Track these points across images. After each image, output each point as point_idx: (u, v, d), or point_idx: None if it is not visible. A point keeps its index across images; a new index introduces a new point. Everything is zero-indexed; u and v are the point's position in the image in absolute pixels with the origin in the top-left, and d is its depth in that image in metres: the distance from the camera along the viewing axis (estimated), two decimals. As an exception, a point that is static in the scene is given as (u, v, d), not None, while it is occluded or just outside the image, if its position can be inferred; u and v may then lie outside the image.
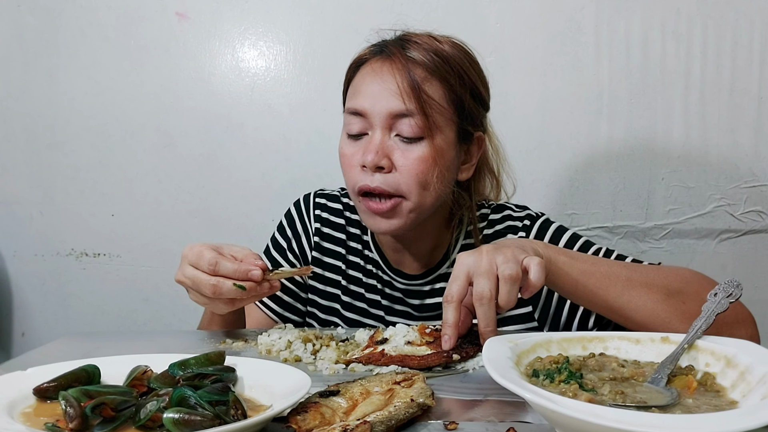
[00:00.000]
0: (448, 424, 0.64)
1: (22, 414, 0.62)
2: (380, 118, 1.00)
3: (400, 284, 1.16)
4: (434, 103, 1.00)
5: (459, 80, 1.03)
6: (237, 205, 1.85)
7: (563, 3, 1.73)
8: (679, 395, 0.62)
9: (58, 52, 1.85)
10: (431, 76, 1.01)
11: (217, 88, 1.84)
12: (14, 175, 1.89)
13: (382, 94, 1.00)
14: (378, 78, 1.02)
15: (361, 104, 1.02)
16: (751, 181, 1.73)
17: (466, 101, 1.04)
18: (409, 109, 0.99)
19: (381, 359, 0.83)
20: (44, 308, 1.95)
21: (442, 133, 1.02)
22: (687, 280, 0.95)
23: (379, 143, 1.00)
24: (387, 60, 1.03)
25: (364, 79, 1.04)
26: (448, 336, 0.84)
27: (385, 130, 1.01)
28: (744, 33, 1.69)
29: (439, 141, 1.02)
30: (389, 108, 1.00)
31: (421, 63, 1.01)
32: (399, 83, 0.99)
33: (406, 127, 1.00)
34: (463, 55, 1.06)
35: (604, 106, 1.74)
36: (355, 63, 1.09)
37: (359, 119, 1.03)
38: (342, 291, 1.20)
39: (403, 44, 1.04)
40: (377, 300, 1.18)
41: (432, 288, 1.15)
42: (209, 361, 0.72)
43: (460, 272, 0.84)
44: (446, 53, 1.03)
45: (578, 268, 0.91)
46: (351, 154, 1.04)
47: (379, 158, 1.00)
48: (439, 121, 1.01)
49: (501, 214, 1.17)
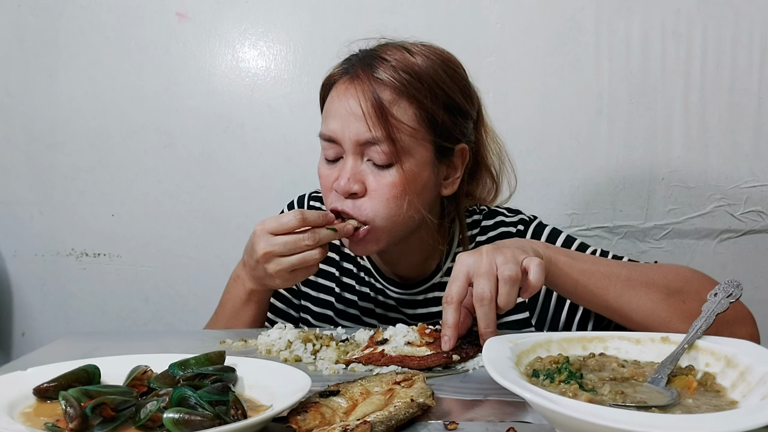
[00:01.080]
0: (448, 424, 0.63)
1: (22, 414, 0.62)
2: (350, 143, 0.98)
3: (393, 293, 1.15)
4: (403, 126, 0.97)
5: (431, 96, 0.98)
6: (237, 205, 1.85)
7: (563, 3, 1.73)
8: (679, 395, 0.62)
9: (58, 52, 1.85)
10: (399, 97, 0.97)
11: (217, 88, 1.84)
12: (14, 175, 1.89)
13: (348, 120, 0.98)
14: (344, 101, 0.99)
15: (331, 129, 1.00)
16: (751, 181, 1.73)
17: (439, 117, 1.00)
18: (375, 137, 0.96)
19: (381, 359, 0.83)
20: (44, 308, 1.95)
21: (414, 156, 0.99)
22: (687, 278, 0.95)
23: (351, 169, 0.99)
24: (353, 81, 0.99)
25: (332, 102, 1.02)
26: (448, 337, 0.83)
27: (357, 155, 0.99)
28: (744, 33, 1.69)
29: (411, 165, 0.98)
30: (357, 135, 0.97)
31: (389, 83, 0.97)
32: (363, 107, 0.96)
33: (375, 154, 0.98)
34: (438, 66, 1.01)
35: (604, 106, 1.74)
36: (325, 82, 1.06)
37: (331, 144, 1.01)
38: (336, 299, 1.19)
39: (371, 62, 0.99)
40: (371, 308, 1.17)
41: (426, 297, 1.14)
42: (209, 361, 0.72)
43: (459, 272, 0.84)
44: (417, 68, 0.98)
45: (578, 268, 0.91)
46: (327, 177, 1.03)
47: (350, 185, 0.98)
48: (410, 144, 0.98)
49: (493, 220, 1.16)
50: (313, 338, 0.95)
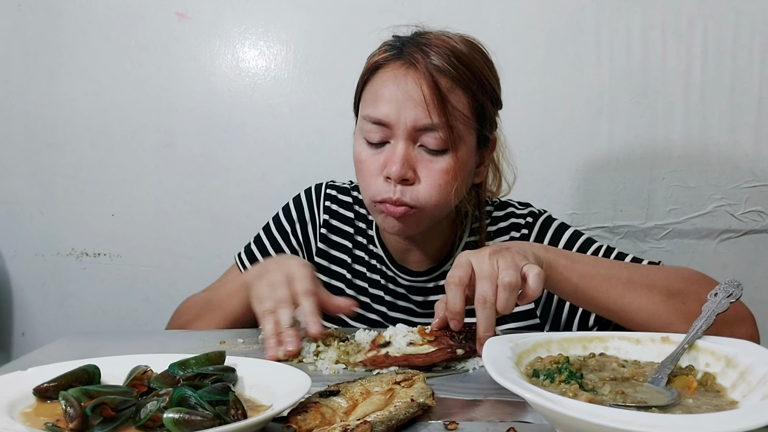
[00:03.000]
0: (449, 424, 0.63)
1: (22, 414, 0.62)
2: (405, 129, 0.97)
3: (403, 281, 1.16)
4: (459, 114, 0.98)
5: (481, 87, 1.01)
6: (237, 205, 1.85)
7: (563, 3, 1.72)
8: (680, 395, 0.62)
9: (58, 52, 1.84)
10: (456, 86, 0.98)
11: (218, 87, 1.84)
12: (14, 175, 1.89)
13: (407, 105, 0.96)
14: (401, 86, 0.97)
15: (384, 113, 0.98)
16: (752, 181, 1.73)
17: (487, 108, 1.02)
18: (435, 123, 0.96)
19: (386, 361, 0.83)
20: (44, 308, 1.95)
21: (465, 144, 1.01)
22: (687, 279, 0.95)
23: (404, 154, 0.97)
24: (410, 67, 0.98)
25: (385, 85, 0.99)
26: (456, 321, 0.84)
27: (410, 141, 0.98)
28: (745, 33, 1.69)
29: (463, 152, 1.00)
30: (415, 120, 0.96)
31: (446, 72, 0.97)
32: (425, 94, 0.95)
33: (431, 140, 0.97)
34: (480, 57, 1.03)
35: (605, 105, 1.74)
36: (371, 65, 1.04)
37: (380, 128, 0.99)
38: (347, 285, 1.19)
39: (423, 49, 0.99)
40: (380, 296, 1.18)
41: (436, 285, 1.15)
42: (209, 361, 0.72)
43: (464, 263, 0.84)
44: (466, 57, 0.99)
45: (578, 272, 0.91)
46: (371, 162, 1.01)
47: (405, 170, 0.97)
48: (463, 132, 0.99)
49: (504, 212, 1.17)
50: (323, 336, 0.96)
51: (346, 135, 1.11)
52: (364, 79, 1.05)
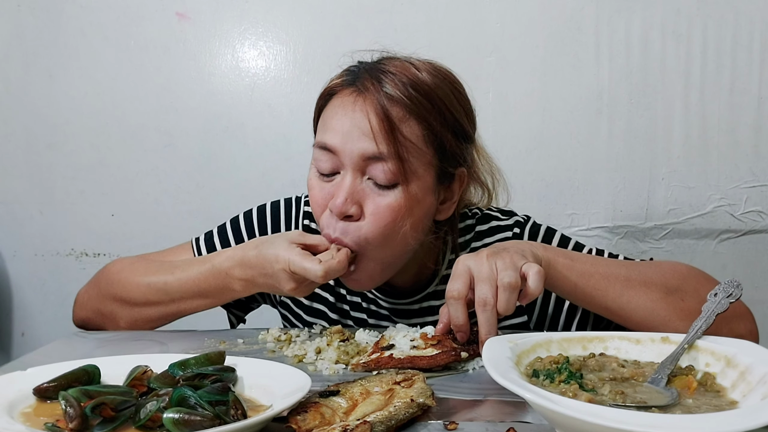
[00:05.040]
0: (448, 424, 0.63)
1: (22, 414, 0.62)
2: (351, 159, 0.92)
3: (386, 303, 1.11)
4: (411, 146, 0.91)
5: (440, 119, 0.94)
6: (237, 205, 1.83)
7: (563, 3, 1.73)
8: (679, 395, 0.62)
9: (58, 52, 1.85)
10: (409, 116, 0.91)
11: (217, 88, 1.84)
12: (14, 175, 1.89)
13: (353, 133, 0.91)
14: (349, 114, 0.92)
15: (331, 140, 0.93)
16: (751, 181, 1.73)
17: (447, 142, 0.95)
18: (382, 152, 0.90)
19: (390, 362, 0.83)
20: (44, 308, 1.95)
21: (419, 179, 0.93)
22: (684, 276, 0.95)
23: (349, 188, 0.92)
24: (360, 94, 0.93)
25: (335, 112, 0.95)
26: (462, 333, 0.84)
27: (357, 172, 0.92)
28: (744, 33, 1.69)
29: (415, 188, 0.92)
30: (361, 149, 0.91)
31: (398, 100, 0.91)
32: (372, 122, 0.90)
33: (378, 173, 0.91)
34: (445, 85, 0.96)
35: (604, 105, 1.74)
36: (326, 92, 1.00)
37: (329, 156, 0.94)
38: (329, 308, 1.14)
39: (378, 75, 0.93)
40: (363, 318, 1.13)
41: (421, 307, 1.10)
42: (209, 361, 0.72)
43: (462, 272, 0.83)
44: (427, 86, 0.93)
45: (577, 270, 0.91)
46: (320, 193, 0.96)
47: (347, 206, 0.91)
48: (416, 166, 0.92)
49: (488, 225, 1.12)
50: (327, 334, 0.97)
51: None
52: (319, 106, 1.01)
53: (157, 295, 1.03)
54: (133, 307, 1.05)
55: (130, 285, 1.05)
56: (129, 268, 1.08)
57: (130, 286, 1.05)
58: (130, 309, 1.06)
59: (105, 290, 1.09)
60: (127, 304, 1.06)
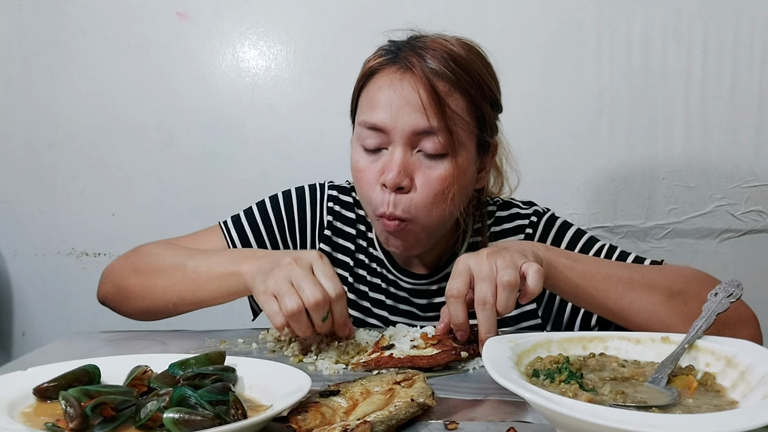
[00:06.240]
0: (449, 424, 0.63)
1: (22, 414, 0.62)
2: (402, 134, 0.95)
3: (406, 284, 1.14)
4: (458, 118, 0.96)
5: (479, 91, 0.99)
6: (238, 205, 1.83)
7: (563, 3, 1.72)
8: (680, 395, 0.62)
9: (58, 52, 1.85)
10: (454, 90, 0.96)
11: (218, 87, 1.84)
12: (15, 175, 1.90)
13: (404, 109, 0.95)
14: (398, 91, 0.95)
15: (380, 119, 0.96)
16: (752, 180, 1.73)
17: (486, 113, 1.00)
18: (433, 126, 0.94)
19: (390, 362, 0.83)
20: (44, 308, 1.95)
21: (465, 149, 0.98)
22: (689, 280, 0.95)
23: (401, 161, 0.95)
24: (407, 71, 0.96)
25: (381, 90, 0.98)
26: (462, 332, 0.84)
27: (407, 146, 0.96)
28: (745, 32, 1.69)
29: (462, 158, 0.98)
30: (413, 125, 0.94)
31: (443, 75, 0.95)
32: (422, 97, 0.94)
33: (430, 144, 0.95)
34: (479, 60, 1.01)
35: (605, 105, 1.74)
36: (366, 72, 1.02)
37: (377, 134, 0.97)
38: (348, 288, 1.17)
39: (419, 52, 0.97)
40: (381, 299, 1.16)
41: (439, 287, 1.13)
42: (209, 361, 0.72)
43: (462, 270, 0.84)
44: (464, 60, 0.97)
45: (579, 271, 0.91)
46: (368, 170, 0.99)
47: (401, 178, 0.95)
48: (462, 137, 0.97)
49: (508, 212, 1.16)
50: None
51: (346, 135, 1.11)
52: (360, 85, 1.04)
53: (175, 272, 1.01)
54: (147, 276, 1.04)
55: (153, 254, 1.07)
56: (158, 246, 1.11)
57: (153, 256, 1.06)
58: (144, 277, 1.04)
59: (127, 262, 1.11)
60: (142, 273, 1.05)
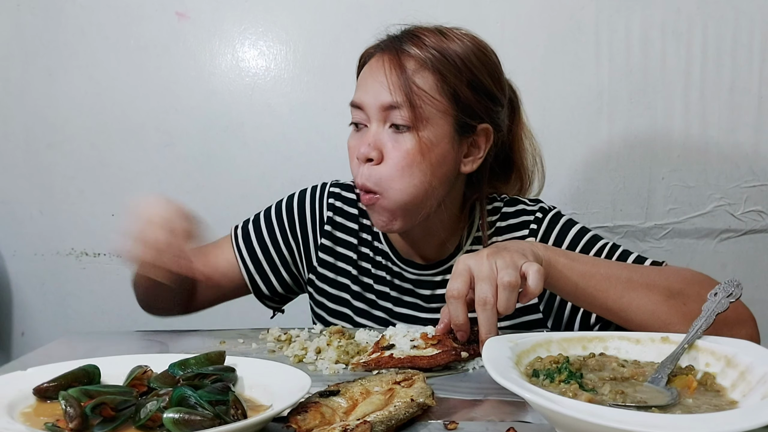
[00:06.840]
0: (448, 424, 0.64)
1: (22, 414, 0.62)
2: (373, 110, 1.03)
3: (410, 275, 1.15)
4: (424, 94, 1.01)
5: (455, 72, 1.02)
6: (237, 205, 1.85)
7: (563, 2, 1.72)
8: (680, 395, 0.62)
9: (57, 52, 1.84)
10: (422, 68, 1.02)
11: (218, 87, 1.84)
12: (14, 175, 1.89)
13: (374, 87, 1.03)
14: (374, 72, 1.04)
15: (358, 97, 1.06)
16: (752, 180, 1.73)
17: (462, 93, 1.03)
18: (396, 101, 1.00)
19: (390, 362, 0.83)
20: (44, 308, 1.95)
21: (433, 125, 1.02)
22: (689, 280, 0.95)
23: (372, 135, 1.03)
24: (383, 54, 1.05)
25: (364, 74, 1.09)
26: (462, 332, 0.85)
27: (380, 122, 1.03)
28: (744, 32, 1.69)
29: (428, 134, 1.01)
30: (380, 99, 1.02)
31: (414, 55, 1.02)
32: (387, 75, 1.01)
33: (397, 118, 1.01)
34: (469, 49, 1.05)
35: (604, 105, 1.74)
36: (361, 59, 1.13)
37: (357, 111, 1.06)
38: (352, 281, 1.19)
39: (401, 37, 1.06)
40: (386, 292, 1.17)
41: (443, 278, 1.14)
42: (209, 361, 0.72)
43: (462, 270, 0.84)
44: (446, 46, 1.03)
45: (578, 271, 0.91)
46: (353, 147, 1.07)
47: (369, 150, 1.01)
48: (430, 113, 1.01)
49: (514, 208, 1.17)
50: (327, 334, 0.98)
51: (345, 135, 1.11)
52: (357, 74, 1.13)
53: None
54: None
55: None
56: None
57: None
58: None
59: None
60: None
